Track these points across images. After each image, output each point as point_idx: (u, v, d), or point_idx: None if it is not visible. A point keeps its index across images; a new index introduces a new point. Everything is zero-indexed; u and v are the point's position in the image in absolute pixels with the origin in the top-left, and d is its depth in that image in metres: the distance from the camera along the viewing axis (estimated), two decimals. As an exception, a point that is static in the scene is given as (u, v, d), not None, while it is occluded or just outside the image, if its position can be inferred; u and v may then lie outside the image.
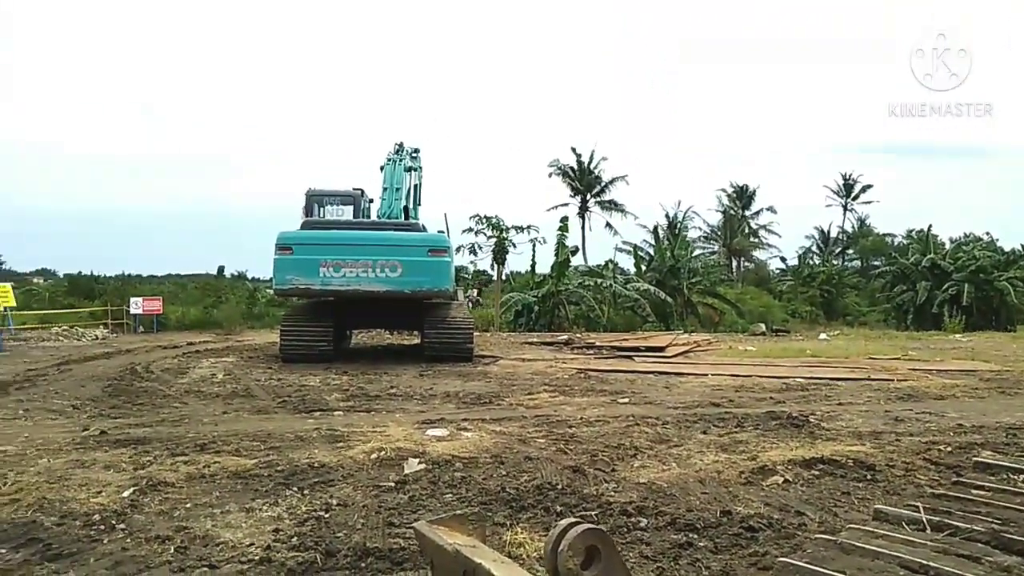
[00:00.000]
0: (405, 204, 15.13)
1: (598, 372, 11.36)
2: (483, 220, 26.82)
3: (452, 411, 7.53)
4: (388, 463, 5.13)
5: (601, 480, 4.69)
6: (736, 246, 51.16)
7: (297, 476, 4.77)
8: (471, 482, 4.63)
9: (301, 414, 7.41)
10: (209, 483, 4.61)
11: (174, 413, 7.41)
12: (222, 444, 5.71)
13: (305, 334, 12.62)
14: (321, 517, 3.95)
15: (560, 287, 27.17)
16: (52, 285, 38.83)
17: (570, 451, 5.52)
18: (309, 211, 14.74)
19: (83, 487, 4.44)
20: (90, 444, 5.73)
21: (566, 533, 1.34)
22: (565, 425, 6.61)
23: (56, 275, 50.51)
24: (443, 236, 13.87)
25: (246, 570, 3.25)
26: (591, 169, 47.08)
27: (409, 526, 3.76)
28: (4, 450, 5.47)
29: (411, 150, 16.17)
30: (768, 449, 5.55)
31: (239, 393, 8.87)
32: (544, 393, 8.89)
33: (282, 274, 12.15)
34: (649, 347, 16.04)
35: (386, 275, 12.14)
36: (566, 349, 16.76)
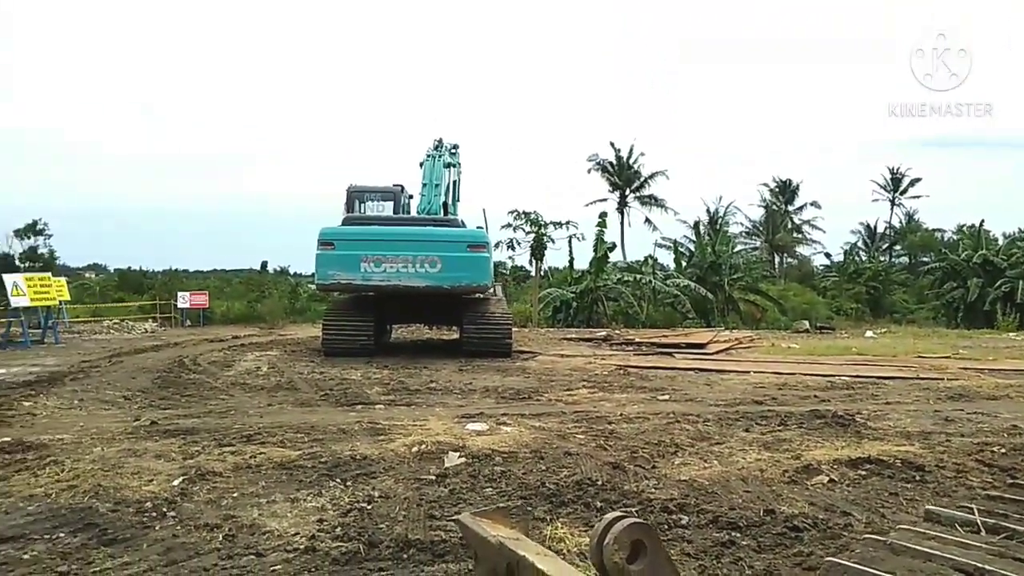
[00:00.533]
0: (444, 200, 15.21)
1: (638, 369, 11.29)
2: (521, 216, 26.89)
3: (491, 406, 7.57)
4: (428, 456, 5.17)
5: (641, 477, 4.66)
6: (779, 242, 50.27)
7: (340, 468, 4.84)
8: (511, 477, 4.65)
9: (343, 407, 7.52)
10: (255, 473, 4.72)
11: (221, 405, 7.58)
12: (267, 435, 5.83)
13: (347, 328, 12.81)
14: (364, 508, 4.01)
15: (599, 283, 27.06)
16: (103, 280, 40.15)
17: (610, 447, 5.50)
18: (350, 207, 14.92)
19: (135, 475, 4.58)
20: (141, 434, 5.91)
21: (612, 527, 1.34)
22: (604, 421, 6.59)
23: (107, 270, 52.08)
24: (482, 232, 13.93)
25: (292, 559, 3.31)
26: (630, 164, 46.76)
27: (450, 519, 3.80)
28: (61, 438, 5.67)
29: (450, 146, 16.25)
30: (812, 448, 5.46)
31: (283, 386, 9.04)
32: (583, 389, 8.87)
33: (324, 269, 12.33)
34: (690, 344, 15.88)
35: (425, 270, 12.23)
36: (605, 345, 16.69)
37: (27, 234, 34.13)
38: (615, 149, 46.80)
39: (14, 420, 6.57)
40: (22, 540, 3.50)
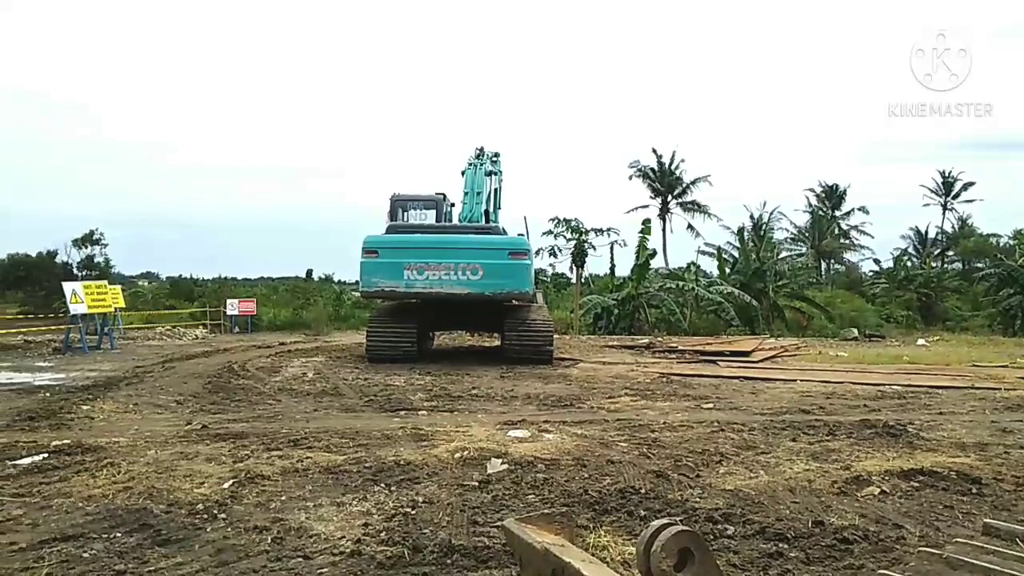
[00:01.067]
0: (486, 208, 15.30)
1: (681, 376, 11.17)
2: (562, 223, 26.77)
3: (533, 413, 7.57)
4: (471, 462, 5.20)
5: (685, 486, 4.61)
6: (825, 248, 49.16)
7: (384, 473, 4.90)
8: (553, 484, 4.65)
9: (387, 413, 7.61)
10: (302, 477, 4.80)
11: (269, 410, 7.75)
12: (314, 440, 5.93)
13: (390, 335, 12.95)
14: (408, 513, 4.05)
15: (640, 290, 26.84)
16: (156, 287, 41.30)
17: (653, 455, 5.46)
18: (393, 215, 15.11)
19: (187, 478, 4.71)
20: (193, 437, 6.07)
21: (659, 534, 1.33)
22: (647, 429, 6.53)
23: (159, 278, 53.53)
24: (523, 239, 13.95)
25: (338, 562, 3.36)
26: (672, 170, 46.33)
27: (494, 525, 3.82)
28: (117, 441, 5.86)
29: (491, 154, 16.34)
30: (862, 459, 5.33)
31: (328, 392, 9.19)
32: (625, 397, 8.81)
33: (368, 277, 12.51)
34: (734, 351, 15.64)
35: (467, 278, 12.31)
36: (647, 353, 16.54)
37: (84, 244, 35.24)
38: (657, 155, 46.45)
39: (73, 423, 6.81)
40: (82, 539, 3.63)
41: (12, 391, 9.08)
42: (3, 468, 4.96)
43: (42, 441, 5.85)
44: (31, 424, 6.69)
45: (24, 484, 4.60)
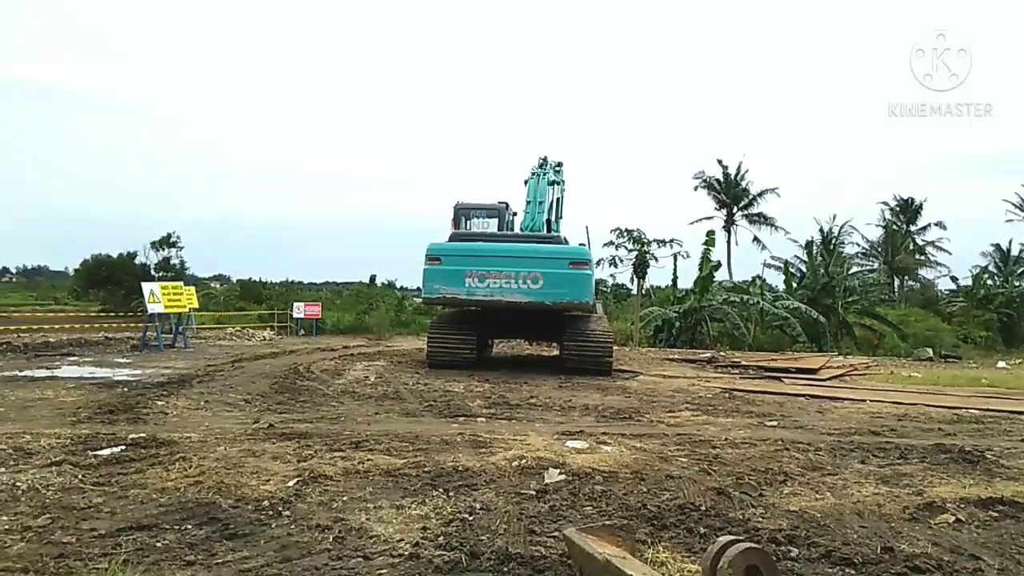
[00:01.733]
0: (548, 217, 15.33)
1: (744, 392, 10.92)
2: (624, 233, 26.57)
3: (591, 424, 7.52)
4: (529, 471, 5.20)
5: (748, 504, 4.51)
6: (899, 264, 47.29)
7: (443, 478, 4.95)
8: (611, 496, 4.61)
9: (446, 418, 7.69)
10: (363, 479, 4.90)
11: (332, 411, 7.92)
12: (375, 443, 6.04)
13: (450, 342, 13.10)
14: (465, 519, 4.07)
15: (703, 303, 26.39)
16: (227, 289, 42.79)
17: (714, 472, 5.35)
18: (457, 223, 15.29)
19: (254, 475, 4.86)
20: (260, 436, 6.26)
21: (726, 550, 1.31)
22: (708, 445, 6.41)
23: (230, 280, 55.46)
24: (584, 249, 13.92)
25: (397, 564, 3.41)
26: (738, 181, 45.52)
27: (551, 535, 3.81)
28: (189, 436, 6.09)
29: (554, 164, 16.38)
30: (936, 484, 5.10)
31: (389, 395, 9.34)
32: (686, 411, 8.67)
33: (430, 283, 12.69)
34: (800, 368, 15.21)
35: (528, 286, 12.36)
36: (709, 367, 16.25)
37: (162, 246, 36.90)
38: (722, 166, 45.75)
39: (149, 418, 7.11)
40: (155, 529, 3.78)
41: (94, 385, 9.54)
42: (85, 458, 5.22)
43: (120, 434, 6.13)
44: (111, 417, 7.02)
45: (104, 474, 4.83)
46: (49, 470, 4.83)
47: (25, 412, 7.23)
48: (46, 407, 7.59)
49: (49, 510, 4.05)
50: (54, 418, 6.92)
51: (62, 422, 6.70)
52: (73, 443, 5.70)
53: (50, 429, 6.24)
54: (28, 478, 4.59)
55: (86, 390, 8.96)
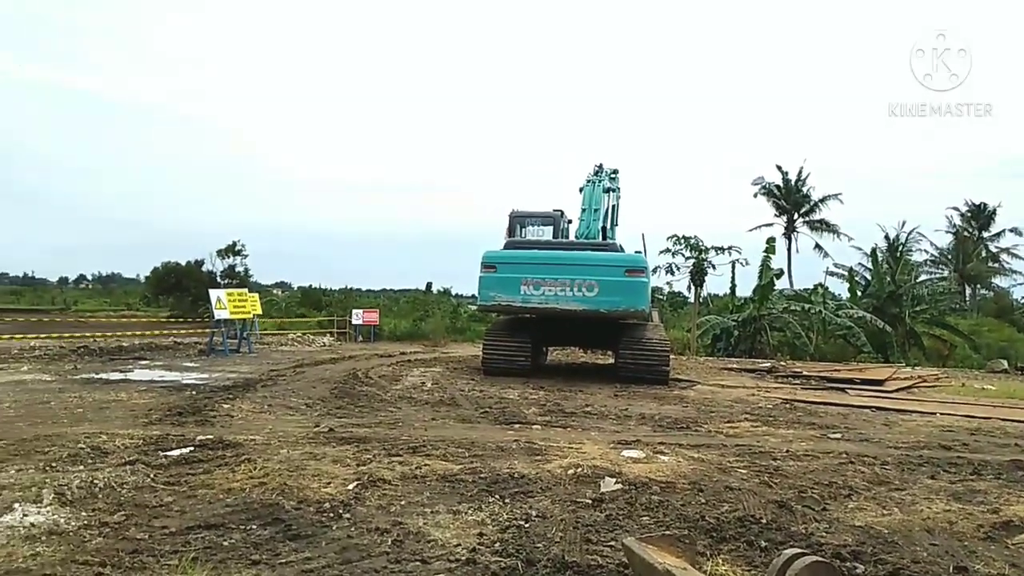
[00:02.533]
0: (603, 224, 15.26)
1: (806, 403, 10.64)
2: (681, 240, 26.24)
3: (648, 433, 7.44)
4: (584, 480, 5.18)
5: (810, 519, 4.39)
6: (971, 272, 45.36)
7: (499, 484, 4.97)
8: (669, 507, 4.55)
9: (501, 425, 7.72)
10: (420, 483, 4.96)
11: (390, 416, 8.05)
12: (431, 448, 6.11)
13: (505, 349, 13.15)
14: (521, 526, 4.09)
15: (763, 311, 25.80)
16: (288, 296, 43.93)
17: (775, 484, 5.23)
18: (512, 231, 15.36)
19: (315, 477, 4.97)
20: (320, 439, 6.40)
21: (792, 563, 1.29)
22: (769, 457, 6.27)
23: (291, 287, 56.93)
24: (640, 256, 13.79)
25: (454, 569, 3.45)
26: (799, 187, 44.42)
27: (607, 544, 3.79)
28: (253, 439, 6.28)
29: (610, 171, 16.30)
30: (1014, 503, 4.87)
31: (445, 401, 9.43)
32: (745, 422, 8.50)
33: (486, 291, 12.77)
34: (865, 380, 14.71)
35: (583, 294, 12.32)
36: (769, 377, 15.87)
37: (227, 254, 38.09)
38: (782, 172, 44.73)
39: (215, 420, 7.36)
40: (222, 528, 3.92)
41: (164, 388, 9.93)
42: (157, 458, 5.43)
43: (189, 435, 6.36)
44: (180, 419, 7.29)
45: (174, 474, 5.02)
46: (124, 469, 5.05)
47: (101, 413, 7.57)
48: (120, 408, 7.93)
49: (124, 507, 4.23)
50: (127, 419, 7.22)
51: (135, 423, 6.99)
52: (145, 443, 5.94)
53: (124, 430, 6.52)
54: (105, 476, 4.80)
55: (157, 393, 9.32)
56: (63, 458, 5.35)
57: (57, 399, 8.46)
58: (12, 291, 73.43)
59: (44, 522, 3.90)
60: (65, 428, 6.55)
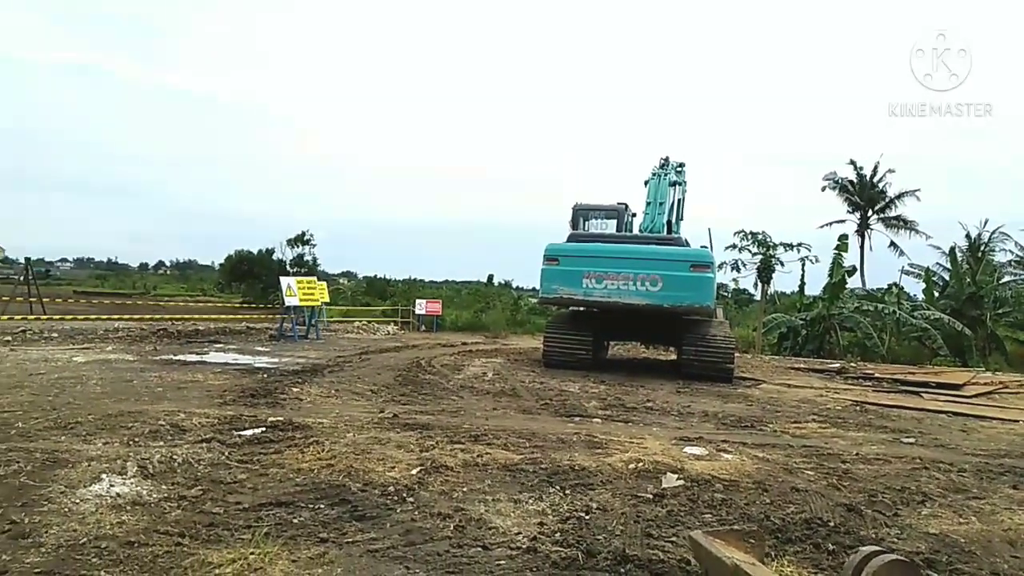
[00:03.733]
0: (668, 218, 15.05)
1: (877, 406, 10.28)
2: (748, 236, 25.62)
3: (711, 431, 7.33)
4: (645, 474, 5.16)
5: (881, 523, 4.26)
6: (1062, 274, 42.73)
7: (559, 476, 4.99)
8: (732, 505, 4.49)
9: (562, 417, 7.73)
10: (482, 471, 5.03)
11: (452, 405, 8.17)
12: (493, 437, 6.17)
13: (566, 342, 13.15)
14: (581, 518, 4.10)
15: (833, 311, 24.98)
16: (354, 285, 44.88)
17: (844, 487, 5.09)
18: (575, 224, 15.29)
19: (380, 461, 5.10)
20: (385, 425, 6.55)
21: (870, 560, 1.26)
22: (838, 459, 6.10)
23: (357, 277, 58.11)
24: (706, 251, 13.55)
25: (515, 556, 3.49)
26: (874, 183, 42.70)
27: (668, 539, 3.77)
28: (321, 422, 6.47)
29: (676, 164, 16.04)
30: (1104, 518, 4.60)
31: (506, 392, 9.50)
32: (813, 423, 8.27)
33: (548, 283, 12.78)
34: (941, 384, 14.10)
35: (646, 288, 12.19)
36: (838, 378, 15.39)
37: (297, 243, 39.12)
38: (856, 167, 43.05)
39: (285, 403, 7.61)
40: (292, 507, 4.06)
41: (237, 370, 10.31)
42: (231, 437, 5.67)
43: (260, 416, 6.60)
44: (252, 401, 7.56)
45: (247, 453, 5.22)
46: (200, 446, 5.28)
47: (179, 393, 7.92)
48: (197, 389, 8.28)
49: (200, 482, 4.43)
50: (204, 399, 7.54)
51: (210, 403, 7.29)
52: (220, 423, 6.20)
53: (200, 409, 6.81)
54: (183, 452, 5.03)
55: (230, 375, 9.69)
56: (145, 434, 5.63)
57: (139, 378, 8.90)
58: (97, 275, 77.40)
59: (128, 493, 4.12)
60: (147, 406, 6.89)
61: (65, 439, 5.35)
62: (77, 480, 4.29)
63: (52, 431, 5.61)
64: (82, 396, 7.36)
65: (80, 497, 4.00)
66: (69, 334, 15.23)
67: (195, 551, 3.32)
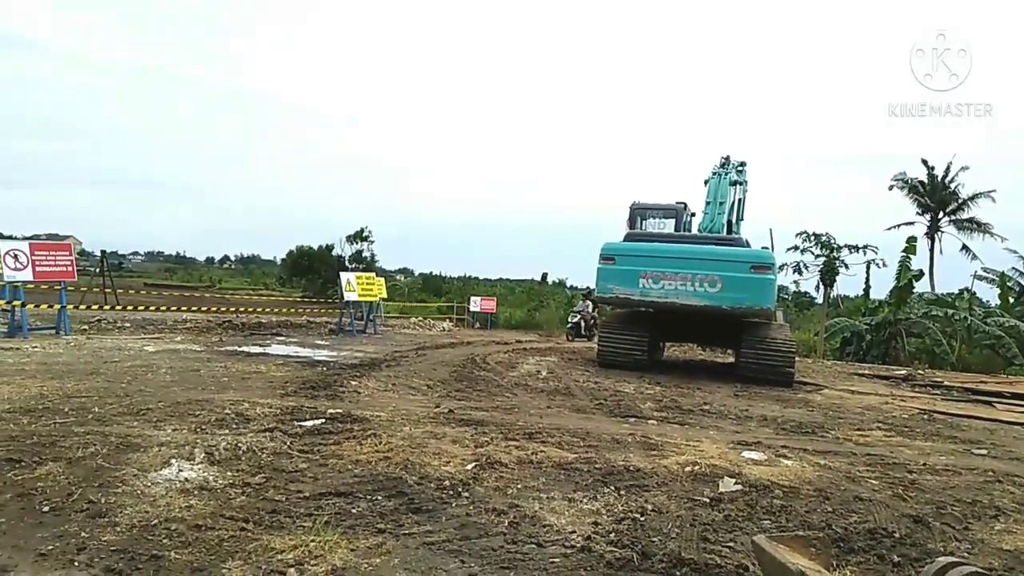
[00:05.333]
0: (728, 218, 14.78)
1: (946, 415, 9.88)
2: (811, 237, 24.97)
3: (769, 436, 7.18)
4: (702, 478, 5.08)
5: (950, 537, 4.10)
6: None
7: (614, 476, 4.97)
8: (792, 512, 4.39)
9: (616, 418, 7.68)
10: (536, 469, 5.04)
11: (506, 402, 8.20)
12: (547, 435, 6.18)
13: (622, 342, 13.05)
14: (636, 519, 4.07)
15: (900, 316, 24.13)
16: (410, 282, 45.55)
17: (910, 498, 4.91)
18: (633, 223, 15.16)
19: (436, 455, 5.16)
20: (440, 420, 6.62)
21: (947, 572, 1.22)
22: (904, 469, 5.89)
23: (413, 274, 58.94)
24: (767, 252, 13.24)
25: (569, 554, 3.49)
26: (946, 183, 41.01)
27: (726, 544, 3.72)
28: (379, 415, 6.59)
29: (737, 163, 15.74)
30: None
31: (560, 391, 9.49)
32: (877, 431, 8.01)
33: (604, 283, 12.70)
34: (1016, 394, 13.46)
35: (705, 289, 12.00)
36: (904, 386, 14.85)
37: (356, 240, 39.93)
38: (927, 167, 41.42)
39: (344, 396, 7.77)
40: (351, 496, 4.15)
41: (298, 363, 10.58)
42: (292, 427, 5.82)
43: (320, 408, 6.76)
44: (312, 393, 7.75)
45: (307, 443, 5.35)
46: (263, 435, 5.44)
47: (244, 383, 8.17)
48: (260, 380, 8.53)
49: (264, 470, 4.57)
50: (266, 390, 7.77)
51: (273, 394, 7.51)
52: (282, 413, 6.37)
53: (263, 399, 7.02)
54: (247, 440, 5.20)
55: (292, 367, 9.95)
56: (211, 422, 5.83)
57: (205, 368, 9.22)
58: (166, 268, 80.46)
59: (196, 478, 4.28)
60: (213, 395, 7.13)
61: (137, 424, 5.59)
62: (148, 464, 4.48)
63: (125, 416, 5.86)
64: (153, 384, 7.67)
65: (151, 480, 4.18)
66: (140, 324, 15.88)
67: (258, 536, 3.43)
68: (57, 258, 12.84)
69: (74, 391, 6.83)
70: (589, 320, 23.21)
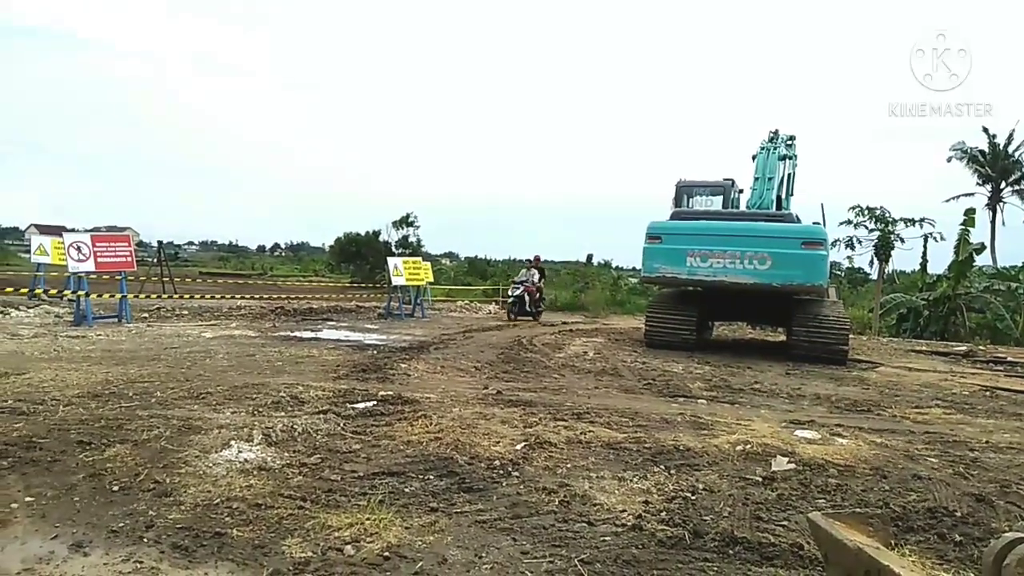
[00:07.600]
0: (777, 194, 14.46)
1: (1010, 392, 9.55)
2: (865, 211, 24.27)
3: (823, 414, 7.05)
4: (754, 457, 5.03)
5: (1016, 516, 3.98)
6: None
7: (663, 455, 4.95)
8: (847, 491, 4.31)
9: (665, 398, 7.64)
10: (585, 449, 5.05)
11: (554, 383, 8.23)
12: (595, 416, 6.18)
13: (669, 322, 12.93)
14: (687, 498, 4.05)
15: (959, 290, 23.32)
16: (456, 266, 45.82)
17: (972, 477, 4.78)
18: (678, 202, 14.94)
19: (485, 436, 5.22)
20: (489, 401, 6.69)
21: (1015, 547, 1.19)
22: (965, 447, 5.73)
23: (458, 257, 59.27)
24: (819, 228, 12.91)
25: (620, 533, 3.50)
26: (1008, 152, 39.32)
27: (779, 523, 3.68)
28: (428, 397, 6.68)
29: (786, 137, 15.35)
30: None
31: (608, 371, 9.47)
32: (936, 408, 7.79)
33: (650, 262, 12.56)
34: (1086, 370, 12.92)
35: (754, 267, 11.78)
36: (965, 362, 14.38)
37: (402, 225, 40.27)
38: (989, 135, 39.73)
39: (394, 378, 7.89)
40: (403, 476, 4.23)
41: (349, 347, 10.78)
42: (345, 409, 5.95)
43: (371, 390, 6.89)
44: (363, 376, 7.90)
45: (360, 424, 5.47)
46: (318, 417, 5.58)
47: (297, 367, 8.37)
48: (312, 363, 8.73)
49: (319, 451, 4.69)
50: (319, 373, 7.94)
51: (325, 377, 7.67)
52: (335, 395, 6.51)
53: (317, 382, 7.18)
54: (302, 422, 5.34)
55: (343, 351, 10.14)
56: (268, 404, 6.00)
57: (260, 353, 9.46)
58: (220, 257, 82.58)
59: (254, 459, 4.42)
60: (268, 379, 7.33)
61: (198, 408, 5.79)
62: (210, 446, 4.63)
63: (186, 400, 6.07)
64: (211, 369, 7.91)
65: (213, 461, 4.33)
66: (197, 311, 16.35)
67: (316, 514, 3.52)
68: (117, 249, 13.29)
69: (137, 376, 7.09)
70: (535, 293, 19.47)
